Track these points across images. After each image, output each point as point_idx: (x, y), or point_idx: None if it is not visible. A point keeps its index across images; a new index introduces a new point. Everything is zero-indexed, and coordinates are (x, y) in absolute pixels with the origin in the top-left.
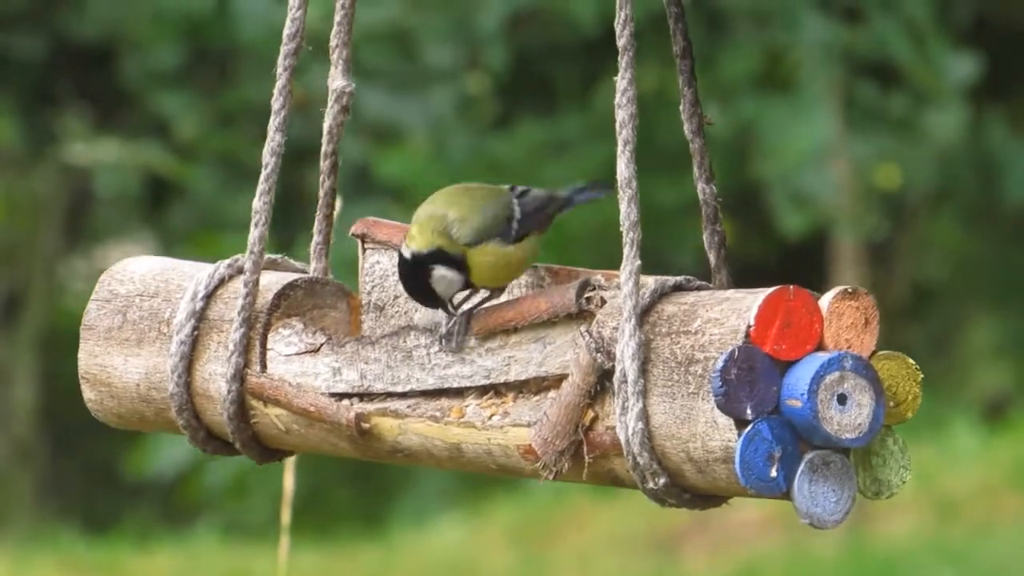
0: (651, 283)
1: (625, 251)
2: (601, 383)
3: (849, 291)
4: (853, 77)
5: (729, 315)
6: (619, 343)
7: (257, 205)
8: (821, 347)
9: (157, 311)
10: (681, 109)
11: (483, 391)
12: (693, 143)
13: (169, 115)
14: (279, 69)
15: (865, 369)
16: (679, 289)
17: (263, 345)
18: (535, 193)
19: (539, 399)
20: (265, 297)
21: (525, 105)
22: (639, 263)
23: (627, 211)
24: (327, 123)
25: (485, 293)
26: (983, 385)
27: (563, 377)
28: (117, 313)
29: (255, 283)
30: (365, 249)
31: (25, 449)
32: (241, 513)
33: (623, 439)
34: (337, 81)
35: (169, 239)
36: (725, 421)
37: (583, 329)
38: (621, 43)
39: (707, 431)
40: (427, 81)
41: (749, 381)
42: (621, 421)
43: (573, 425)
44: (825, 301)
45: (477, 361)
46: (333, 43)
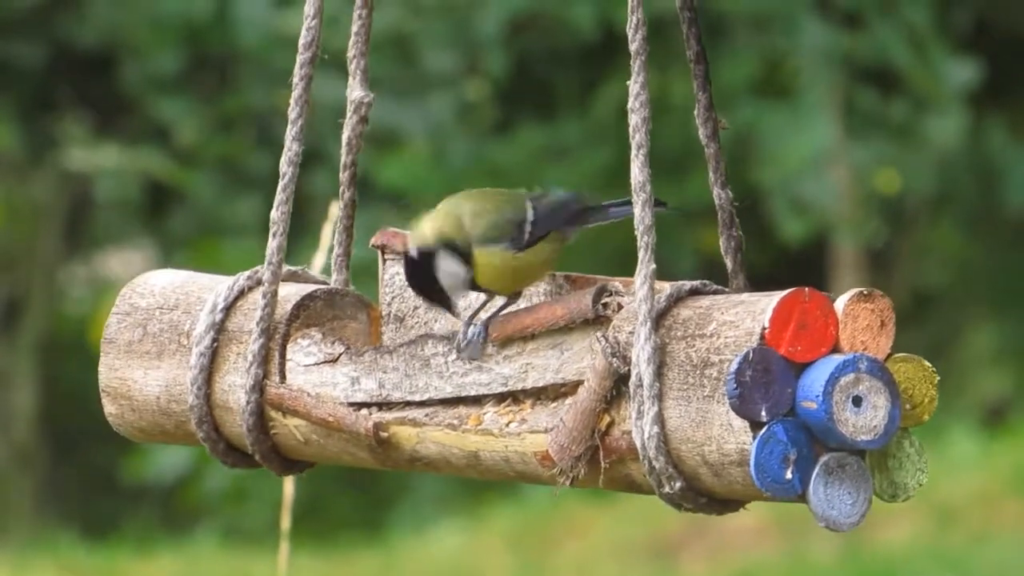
0: (667, 288)
1: (640, 255)
2: (617, 388)
3: (865, 293)
4: (853, 83)
5: (744, 318)
6: (635, 347)
7: (275, 216)
8: (836, 349)
9: (177, 323)
10: (695, 114)
11: (501, 398)
12: (708, 148)
13: (169, 121)
14: (295, 79)
15: (880, 371)
16: (695, 293)
17: (282, 356)
18: (554, 196)
19: (556, 405)
20: (284, 308)
21: (525, 110)
22: (654, 267)
23: (641, 215)
24: (345, 134)
25: (502, 300)
26: (983, 391)
27: (580, 383)
28: (137, 326)
29: (274, 294)
30: (385, 260)
31: (25, 454)
32: (240, 519)
33: (639, 443)
34: (356, 92)
35: (169, 245)
36: (740, 423)
37: (599, 334)
38: (633, 47)
39: (722, 434)
40: (427, 87)
41: (764, 383)
42: (637, 425)
43: (589, 430)
44: (840, 303)
45: (495, 368)
46: (351, 53)
